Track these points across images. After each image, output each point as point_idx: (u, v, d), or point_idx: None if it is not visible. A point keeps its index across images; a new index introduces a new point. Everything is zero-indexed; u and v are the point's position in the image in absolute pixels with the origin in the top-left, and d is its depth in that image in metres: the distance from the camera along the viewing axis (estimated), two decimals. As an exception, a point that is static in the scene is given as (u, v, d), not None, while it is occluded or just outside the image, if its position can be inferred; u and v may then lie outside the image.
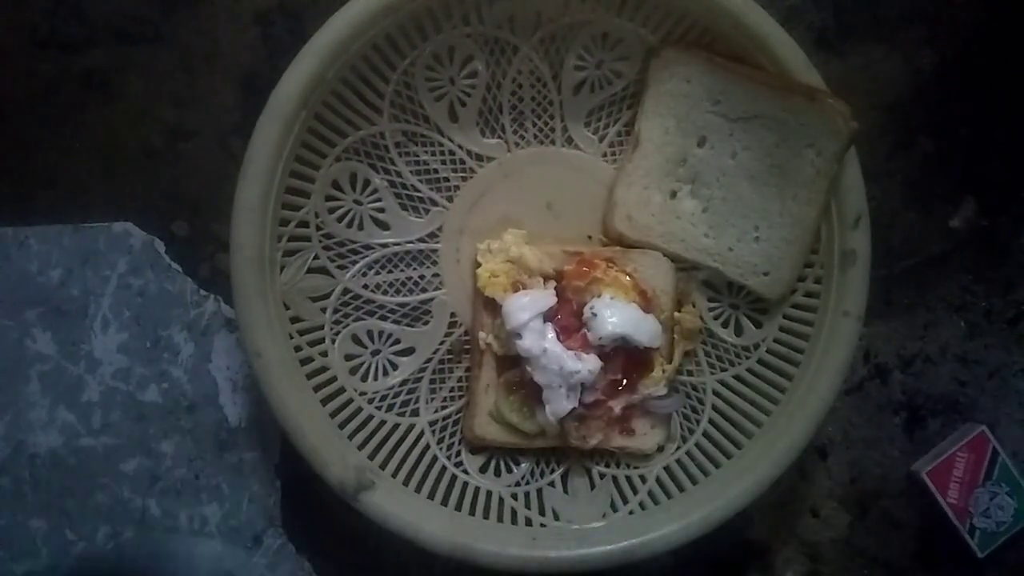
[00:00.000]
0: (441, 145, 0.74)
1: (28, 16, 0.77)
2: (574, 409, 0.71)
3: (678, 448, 0.75)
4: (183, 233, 0.78)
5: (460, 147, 0.74)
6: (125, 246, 0.78)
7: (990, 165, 0.82)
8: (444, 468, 0.74)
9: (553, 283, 0.72)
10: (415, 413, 0.75)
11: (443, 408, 0.75)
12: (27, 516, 0.76)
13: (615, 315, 0.70)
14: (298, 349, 0.71)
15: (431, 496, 0.73)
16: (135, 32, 0.78)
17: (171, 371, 0.78)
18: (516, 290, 0.71)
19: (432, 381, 0.75)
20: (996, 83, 0.82)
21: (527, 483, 0.75)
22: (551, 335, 0.70)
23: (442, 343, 0.75)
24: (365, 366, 0.74)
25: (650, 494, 0.74)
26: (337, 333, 0.74)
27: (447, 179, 0.75)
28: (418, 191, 0.74)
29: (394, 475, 0.72)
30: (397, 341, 0.75)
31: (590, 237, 0.75)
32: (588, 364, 0.70)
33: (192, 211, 0.78)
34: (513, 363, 0.72)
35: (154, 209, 0.78)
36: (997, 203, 0.82)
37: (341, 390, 0.73)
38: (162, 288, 0.78)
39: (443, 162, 0.74)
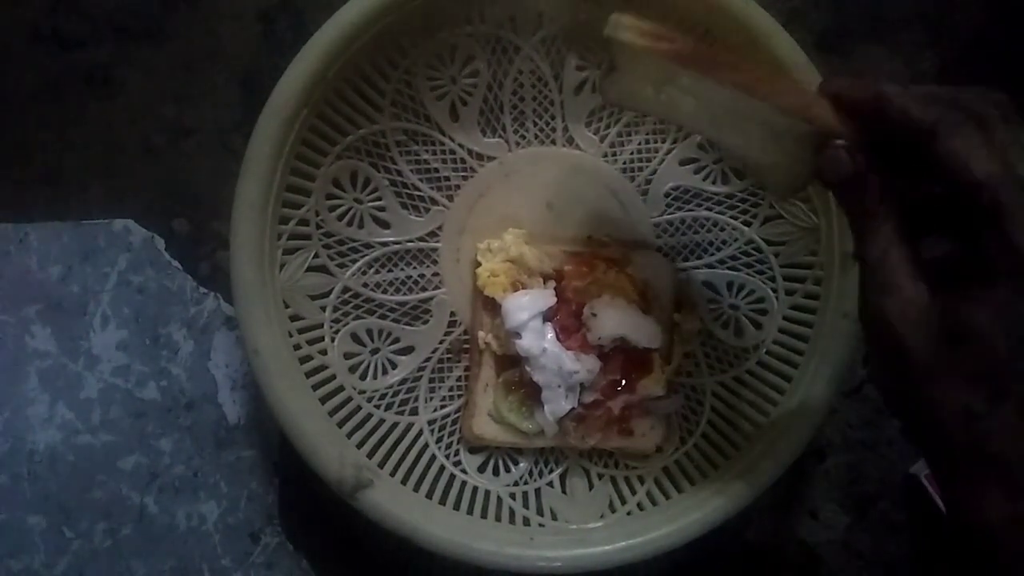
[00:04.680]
0: (442, 144, 0.74)
1: (29, 12, 0.77)
2: (573, 409, 0.71)
3: (677, 449, 0.75)
4: (183, 230, 0.78)
5: (461, 146, 0.74)
6: (125, 243, 0.78)
7: (990, 168, 0.82)
8: (443, 467, 0.74)
9: (553, 283, 0.72)
10: (414, 412, 0.75)
11: (442, 407, 0.75)
12: (25, 513, 0.76)
13: (614, 316, 0.70)
14: (297, 347, 0.71)
15: (429, 495, 0.73)
16: (136, 29, 0.78)
17: (170, 369, 0.78)
18: (516, 290, 0.71)
19: (431, 380, 0.75)
20: (996, 86, 0.81)
21: (525, 483, 0.75)
22: (550, 335, 0.70)
23: (441, 342, 0.75)
24: (364, 364, 0.74)
25: (648, 495, 0.74)
26: (336, 331, 0.73)
27: (447, 178, 0.75)
28: (418, 190, 0.74)
29: (392, 474, 0.72)
30: (396, 340, 0.75)
31: (590, 237, 0.75)
32: (587, 364, 0.70)
33: (192, 208, 0.78)
34: (512, 363, 0.72)
35: (154, 206, 0.78)
36: (997, 206, 0.82)
37: (340, 388, 0.73)
38: (162, 285, 0.78)
39: (444, 161, 0.74)
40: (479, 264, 0.73)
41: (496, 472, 0.75)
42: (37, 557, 0.76)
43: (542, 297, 0.71)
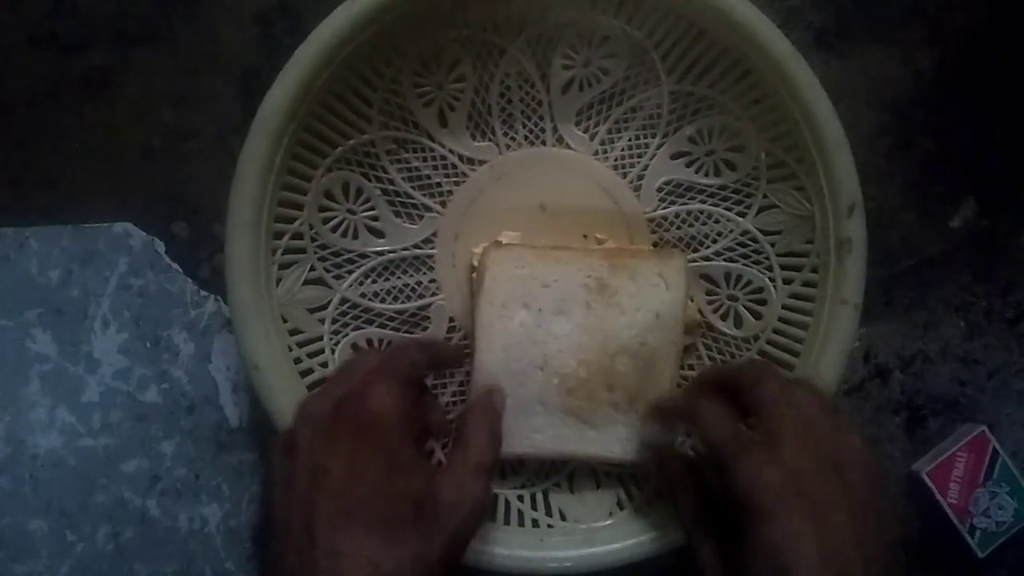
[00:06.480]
0: (432, 151, 0.74)
1: (27, 16, 0.77)
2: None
3: (682, 443, 0.75)
4: (183, 233, 0.78)
5: (451, 152, 0.74)
6: (125, 246, 0.78)
7: (990, 165, 0.82)
8: (447, 473, 0.74)
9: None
10: (419, 419, 0.75)
11: (445, 413, 0.74)
12: (27, 517, 0.77)
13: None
14: (298, 361, 0.71)
15: (435, 501, 0.73)
16: (135, 32, 0.78)
17: (171, 372, 0.78)
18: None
19: (433, 387, 0.75)
20: (996, 83, 0.81)
21: (533, 485, 0.75)
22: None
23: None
24: (366, 375, 0.74)
25: (656, 491, 0.74)
26: (336, 343, 0.73)
27: (439, 184, 0.75)
28: (411, 198, 0.74)
29: (397, 481, 0.72)
30: (397, 349, 0.75)
31: (585, 236, 0.75)
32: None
33: (192, 211, 0.79)
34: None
35: (154, 209, 0.78)
36: (997, 203, 0.82)
37: (343, 399, 0.73)
38: (162, 288, 0.78)
39: (435, 168, 0.74)
40: (475, 268, 0.72)
41: (503, 475, 0.75)
42: (40, 561, 0.77)
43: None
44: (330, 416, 0.53)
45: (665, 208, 0.76)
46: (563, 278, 0.69)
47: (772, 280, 0.75)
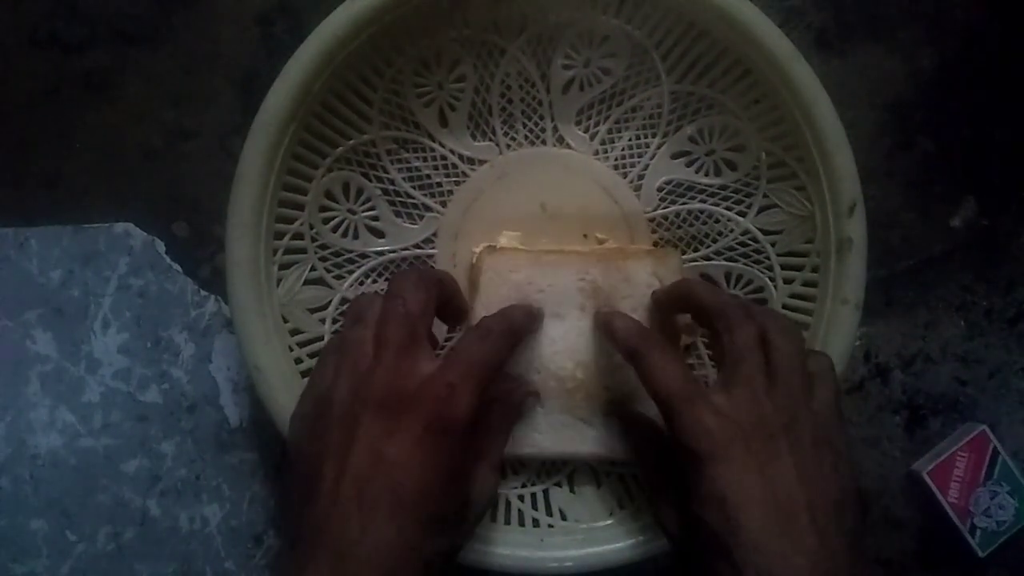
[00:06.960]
0: (432, 150, 0.74)
1: (27, 16, 0.78)
2: (577, 410, 0.72)
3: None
4: (184, 234, 0.78)
5: (451, 152, 0.74)
6: (125, 247, 0.78)
7: (990, 165, 0.81)
8: (447, 473, 0.74)
9: (551, 284, 0.73)
10: (419, 418, 0.74)
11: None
12: (27, 517, 0.77)
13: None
14: (299, 361, 0.71)
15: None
16: (135, 32, 0.78)
17: (171, 372, 0.78)
18: (514, 293, 0.72)
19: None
20: (996, 83, 0.81)
21: (534, 484, 0.75)
22: (551, 336, 0.72)
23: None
24: (367, 375, 0.74)
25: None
26: (337, 343, 0.73)
27: (440, 184, 0.75)
28: (411, 197, 0.74)
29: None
30: (398, 349, 0.75)
31: (585, 236, 0.75)
32: (588, 364, 0.71)
33: (193, 211, 0.79)
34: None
35: (155, 210, 0.78)
36: (997, 203, 0.82)
37: (344, 399, 0.73)
38: (163, 288, 0.78)
39: (435, 167, 0.74)
40: (476, 268, 0.72)
41: (504, 475, 0.75)
42: (40, 561, 0.77)
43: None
44: (397, 402, 0.52)
45: (665, 208, 0.76)
46: (557, 282, 0.69)
47: (772, 280, 0.75)
